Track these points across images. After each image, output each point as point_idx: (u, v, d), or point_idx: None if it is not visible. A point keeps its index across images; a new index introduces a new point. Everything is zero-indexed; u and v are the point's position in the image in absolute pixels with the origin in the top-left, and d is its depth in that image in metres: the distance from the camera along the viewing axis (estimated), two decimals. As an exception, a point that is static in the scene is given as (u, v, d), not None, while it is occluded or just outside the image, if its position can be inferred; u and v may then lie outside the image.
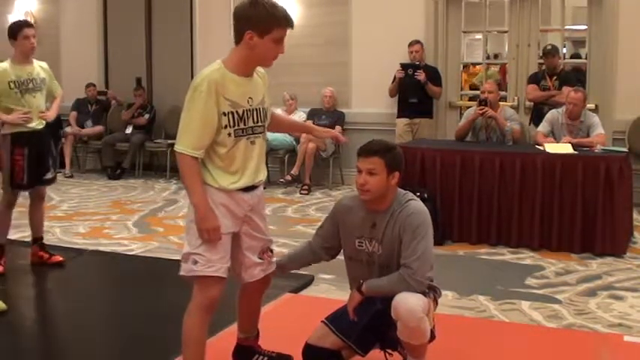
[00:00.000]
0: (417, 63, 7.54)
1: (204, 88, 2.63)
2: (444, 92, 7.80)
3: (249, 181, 2.79)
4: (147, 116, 9.19)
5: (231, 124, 2.70)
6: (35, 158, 4.75)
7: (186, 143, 2.65)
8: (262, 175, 2.88)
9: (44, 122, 4.80)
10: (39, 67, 4.83)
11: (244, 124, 2.74)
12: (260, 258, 2.92)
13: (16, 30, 4.66)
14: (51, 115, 4.86)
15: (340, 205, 3.07)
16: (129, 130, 9.22)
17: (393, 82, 7.62)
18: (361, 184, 2.86)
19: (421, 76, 7.43)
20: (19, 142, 4.69)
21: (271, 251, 3.00)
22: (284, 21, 2.70)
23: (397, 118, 7.72)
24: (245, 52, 2.71)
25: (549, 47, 6.92)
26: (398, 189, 2.95)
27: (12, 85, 4.64)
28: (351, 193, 3.19)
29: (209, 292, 2.74)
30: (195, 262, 2.72)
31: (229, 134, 2.70)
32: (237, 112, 2.71)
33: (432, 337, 2.86)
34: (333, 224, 3.06)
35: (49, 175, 4.88)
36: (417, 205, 2.90)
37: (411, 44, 7.59)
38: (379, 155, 2.85)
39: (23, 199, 4.96)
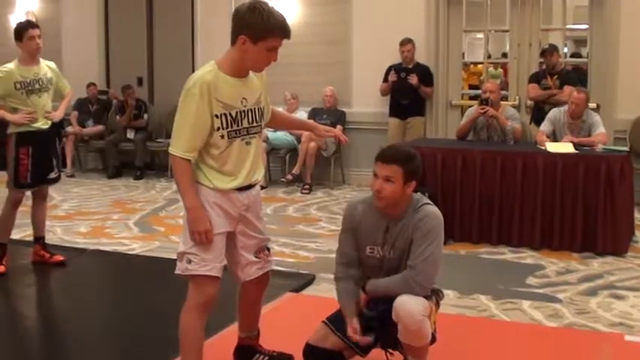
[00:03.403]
0: (410, 67, 7.55)
1: (197, 91, 2.63)
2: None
3: (244, 181, 2.79)
4: (145, 117, 9.10)
5: (224, 125, 2.69)
6: (40, 158, 4.76)
7: (179, 145, 2.66)
8: (259, 175, 2.88)
9: (49, 122, 4.80)
10: (46, 67, 4.83)
11: (238, 126, 2.73)
12: (256, 257, 2.92)
13: (21, 31, 4.66)
14: (57, 115, 4.87)
15: (353, 209, 2.96)
16: (131, 134, 9.08)
17: (384, 81, 7.63)
18: (377, 191, 2.80)
19: (414, 80, 7.45)
20: (23, 142, 4.70)
21: (268, 250, 3.00)
22: (279, 31, 2.67)
23: (389, 117, 7.73)
24: (237, 55, 2.70)
25: (546, 46, 6.93)
26: (412, 194, 2.89)
27: (18, 86, 4.64)
28: (360, 196, 3.16)
29: (204, 290, 2.75)
30: (190, 262, 2.74)
31: (222, 136, 2.70)
32: (230, 113, 2.70)
33: (433, 339, 2.85)
34: (350, 235, 2.94)
35: (52, 175, 4.89)
36: (431, 209, 2.86)
37: (402, 43, 7.57)
38: (399, 164, 2.79)
39: (25, 198, 4.95)
